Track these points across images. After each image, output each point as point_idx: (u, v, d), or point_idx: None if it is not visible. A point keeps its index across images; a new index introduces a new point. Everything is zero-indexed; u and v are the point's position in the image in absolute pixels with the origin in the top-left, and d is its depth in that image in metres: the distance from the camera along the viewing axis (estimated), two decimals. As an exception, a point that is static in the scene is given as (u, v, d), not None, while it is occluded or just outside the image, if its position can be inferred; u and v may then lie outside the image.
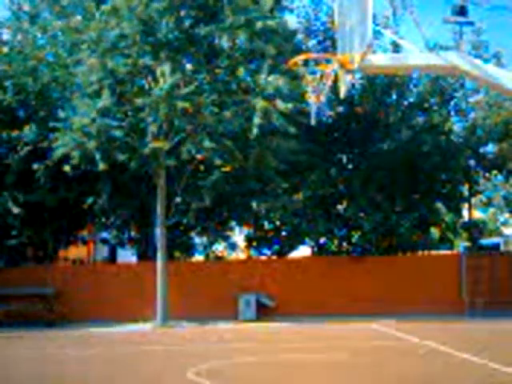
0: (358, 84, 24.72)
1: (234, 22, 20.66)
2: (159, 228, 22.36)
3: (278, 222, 26.26)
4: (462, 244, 32.62)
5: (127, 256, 28.45)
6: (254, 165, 21.86)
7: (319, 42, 25.31)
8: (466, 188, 27.18)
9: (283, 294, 23.57)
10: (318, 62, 12.24)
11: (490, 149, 26.81)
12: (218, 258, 26.93)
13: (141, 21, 20.63)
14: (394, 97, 25.71)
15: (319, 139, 24.47)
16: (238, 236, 28.09)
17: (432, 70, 16.28)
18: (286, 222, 25.72)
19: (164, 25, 21.15)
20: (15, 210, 22.54)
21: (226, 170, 22.18)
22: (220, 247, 27.36)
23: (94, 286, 23.64)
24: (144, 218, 24.85)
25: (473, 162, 26.58)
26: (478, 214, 33.16)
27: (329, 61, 11.61)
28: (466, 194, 27.35)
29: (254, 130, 20.11)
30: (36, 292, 23.08)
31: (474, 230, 28.63)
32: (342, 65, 11.15)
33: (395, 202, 25.14)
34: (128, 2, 20.40)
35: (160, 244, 22.20)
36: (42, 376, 12.95)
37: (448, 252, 29.61)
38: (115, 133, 20.72)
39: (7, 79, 23.44)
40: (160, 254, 22.01)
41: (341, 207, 26.10)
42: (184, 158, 20.87)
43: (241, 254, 29.44)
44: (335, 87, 11.84)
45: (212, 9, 21.56)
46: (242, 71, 20.85)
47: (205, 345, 17.42)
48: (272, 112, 20.14)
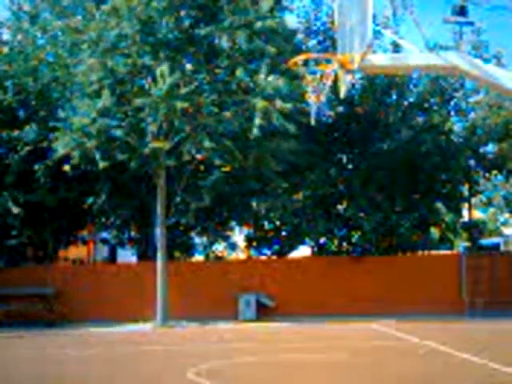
0: (358, 84, 24.73)
1: (234, 22, 20.66)
2: (159, 228, 22.36)
3: (277, 222, 26.24)
4: (461, 244, 32.60)
5: (127, 256, 28.45)
6: (254, 165, 21.84)
7: (319, 42, 25.28)
8: (466, 188, 27.14)
9: (283, 294, 23.57)
10: (318, 62, 12.25)
11: (490, 149, 26.80)
12: (217, 258, 26.91)
13: (140, 21, 20.64)
14: (394, 97, 25.68)
15: (319, 139, 24.45)
16: (238, 236, 28.10)
17: (432, 70, 16.28)
18: (286, 222, 25.72)
19: (164, 25, 21.17)
20: (15, 210, 22.53)
21: (226, 170, 22.20)
22: (220, 247, 27.35)
23: (94, 285, 23.65)
24: (144, 218, 24.86)
25: (473, 162, 26.53)
26: (478, 214, 33.20)
27: (329, 61, 11.59)
28: (466, 193, 27.32)
29: (254, 131, 20.10)
30: (36, 292, 23.08)
31: (474, 230, 28.62)
32: (342, 65, 11.14)
33: (395, 202, 25.12)
34: (128, 2, 20.41)
35: (160, 244, 22.20)
36: (42, 376, 12.94)
37: (448, 252, 29.60)
38: (115, 133, 20.76)
39: (7, 79, 23.48)
40: (160, 254, 22.01)
41: (341, 207, 26.07)
42: (184, 158, 20.89)
43: (241, 254, 29.44)
44: (335, 87, 11.83)
45: (212, 9, 21.56)
46: (242, 71, 20.78)
47: (205, 345, 17.41)
48: (272, 112, 20.10)
